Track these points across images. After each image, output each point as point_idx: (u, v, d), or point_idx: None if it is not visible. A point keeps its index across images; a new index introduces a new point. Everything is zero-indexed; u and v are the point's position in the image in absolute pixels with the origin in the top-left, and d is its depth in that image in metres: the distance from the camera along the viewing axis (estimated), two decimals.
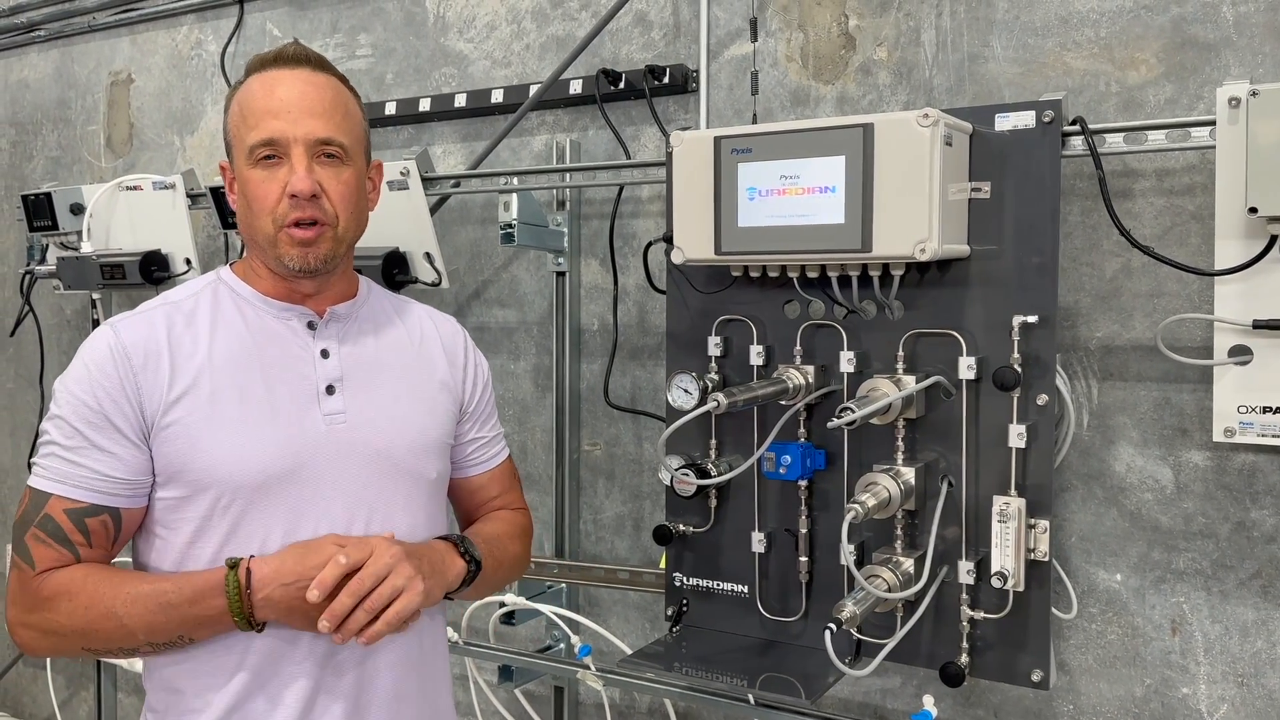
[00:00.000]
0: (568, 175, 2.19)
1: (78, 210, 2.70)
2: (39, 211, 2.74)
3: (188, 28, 2.90)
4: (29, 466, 3.21)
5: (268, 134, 1.23)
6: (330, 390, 1.29)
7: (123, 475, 1.22)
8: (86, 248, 2.61)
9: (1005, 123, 1.56)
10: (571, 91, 2.18)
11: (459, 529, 1.51)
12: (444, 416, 1.41)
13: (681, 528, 1.81)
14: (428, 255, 2.22)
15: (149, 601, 1.18)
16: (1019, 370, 1.51)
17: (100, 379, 1.22)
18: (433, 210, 2.25)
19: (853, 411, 1.45)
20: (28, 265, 2.87)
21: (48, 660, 2.97)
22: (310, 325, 1.32)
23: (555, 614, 2.13)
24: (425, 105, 2.40)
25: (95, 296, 2.77)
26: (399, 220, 2.22)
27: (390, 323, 1.41)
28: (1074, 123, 1.56)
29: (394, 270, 2.21)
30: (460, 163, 2.41)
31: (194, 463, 1.21)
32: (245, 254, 1.35)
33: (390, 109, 2.45)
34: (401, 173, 2.19)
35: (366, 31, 2.57)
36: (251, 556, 1.21)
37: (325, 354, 1.31)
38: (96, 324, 2.94)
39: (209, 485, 1.22)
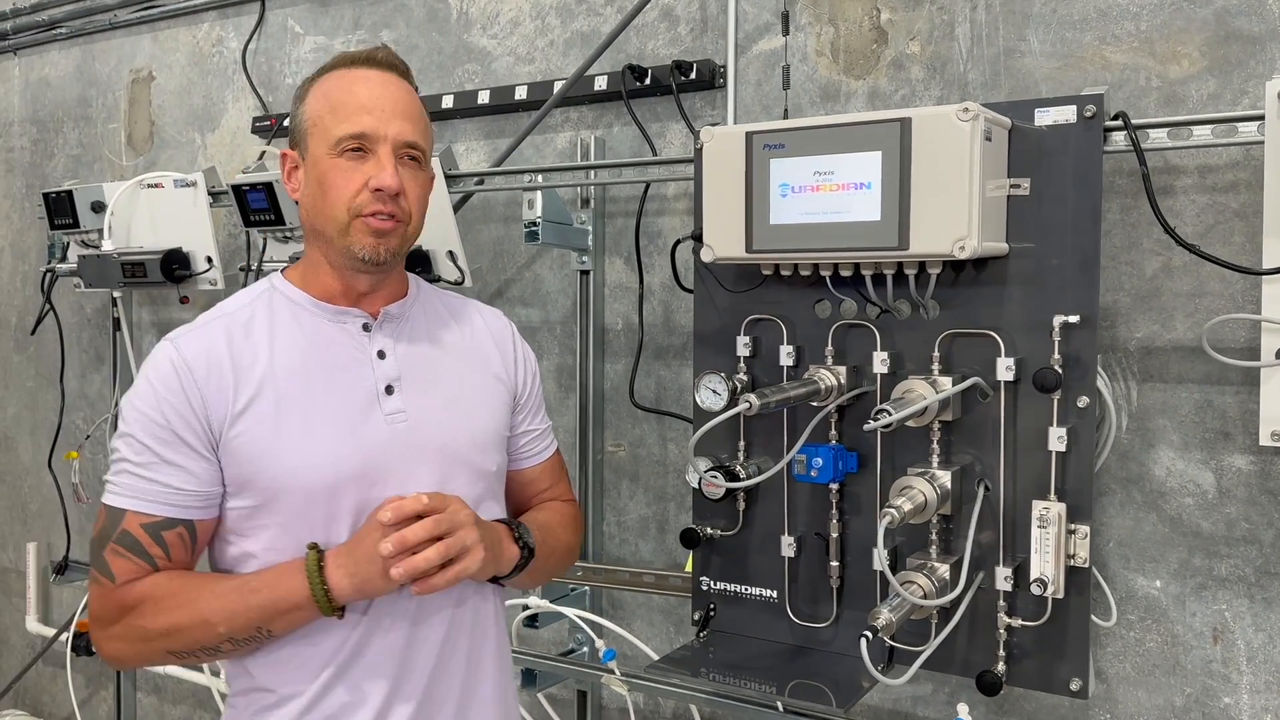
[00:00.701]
0: (593, 173, 2.16)
1: (99, 208, 2.69)
2: (60, 209, 2.73)
3: (209, 25, 2.89)
4: (49, 464, 3.19)
5: (360, 128, 1.25)
6: (389, 390, 1.31)
7: (194, 488, 1.24)
8: (107, 246, 2.60)
9: (1045, 118, 1.52)
10: (596, 88, 2.15)
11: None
12: (500, 409, 1.42)
13: (709, 531, 1.78)
14: (450, 253, 2.20)
15: (231, 594, 1.21)
16: (1060, 371, 1.48)
17: (166, 394, 1.24)
18: (456, 208, 2.23)
19: (889, 414, 1.42)
20: (49, 263, 2.86)
21: (67, 659, 2.96)
22: (365, 327, 1.33)
23: (579, 617, 2.10)
24: (448, 102, 2.37)
25: (116, 295, 2.76)
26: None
27: (442, 319, 1.42)
28: (1116, 118, 1.52)
29: (417, 268, 2.18)
30: (483, 160, 2.39)
31: (264, 472, 1.24)
32: (304, 254, 1.36)
33: None
34: None
35: (389, 28, 2.54)
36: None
37: (382, 354, 1.32)
38: (117, 322, 2.93)
39: (279, 493, 1.24)
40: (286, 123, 1.34)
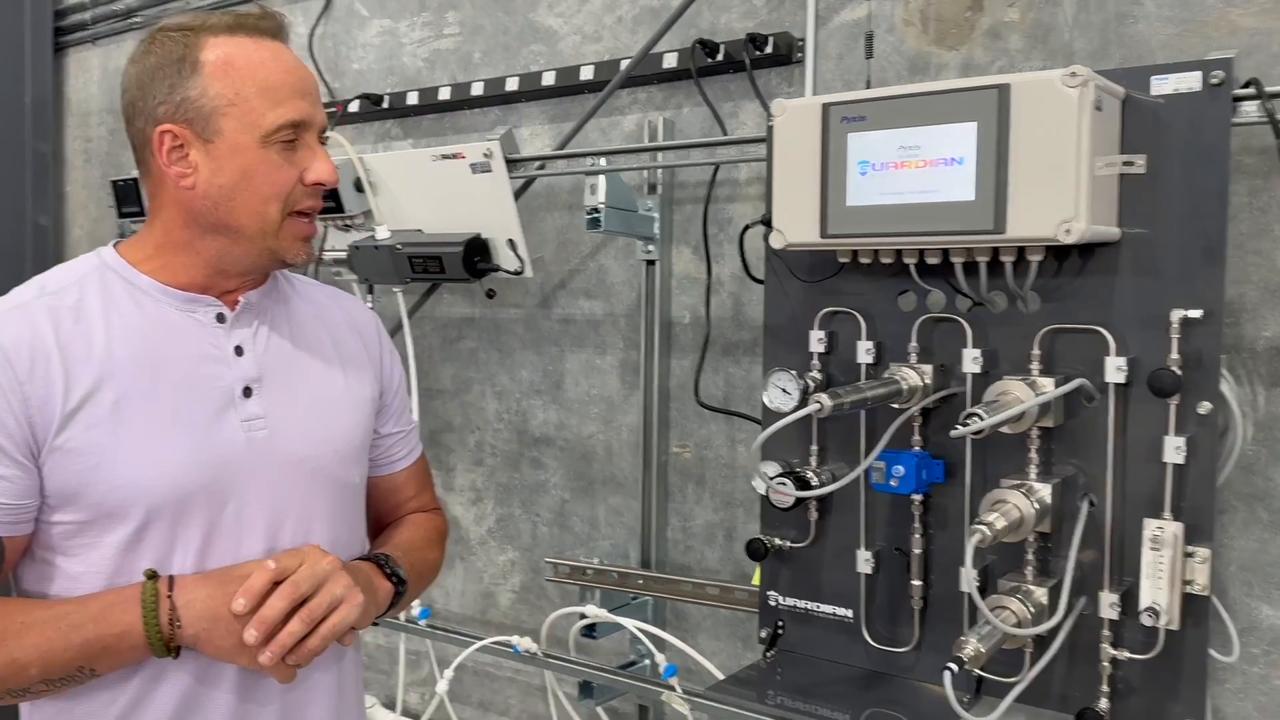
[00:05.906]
0: (659, 155, 2.03)
1: None
2: (128, 197, 2.73)
3: (277, 10, 2.84)
4: None
5: (299, 114, 1.12)
6: (247, 393, 1.16)
7: (5, 500, 1.06)
8: None
9: (1164, 86, 1.34)
10: (665, 65, 2.03)
11: (369, 532, 1.38)
12: (366, 414, 1.29)
13: (777, 542, 1.64)
14: (510, 242, 2.09)
15: (46, 627, 1.04)
16: (1178, 373, 1.30)
17: None
18: (516, 195, 2.13)
19: (980, 419, 1.26)
20: None
21: None
22: (220, 318, 1.17)
23: (639, 629, 1.98)
24: (513, 85, 2.27)
25: None
26: (481, 205, 2.10)
27: (305, 310, 1.27)
28: (1247, 85, 1.34)
29: (475, 258, 2.09)
30: (548, 145, 2.28)
31: (98, 484, 1.07)
32: (158, 237, 1.16)
33: (477, 89, 2.33)
34: (485, 154, 2.07)
35: (455, 9, 2.46)
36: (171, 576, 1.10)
37: (239, 351, 1.17)
38: None
39: (116, 508, 1.08)
40: (145, 90, 1.14)
